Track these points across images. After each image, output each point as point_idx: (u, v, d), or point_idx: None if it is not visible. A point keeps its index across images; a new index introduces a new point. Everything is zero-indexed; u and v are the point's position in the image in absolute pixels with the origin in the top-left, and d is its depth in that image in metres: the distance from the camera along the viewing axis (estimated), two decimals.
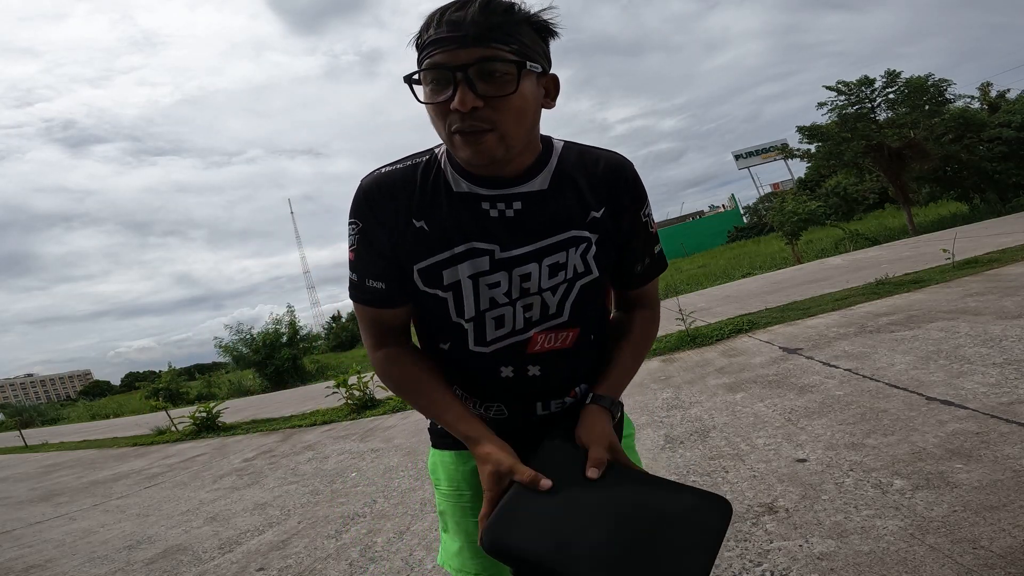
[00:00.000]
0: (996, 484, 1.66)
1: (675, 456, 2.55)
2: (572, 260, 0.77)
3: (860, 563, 1.46)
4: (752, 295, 7.86)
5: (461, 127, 0.65)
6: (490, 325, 0.76)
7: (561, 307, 0.78)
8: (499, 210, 0.74)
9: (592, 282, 0.79)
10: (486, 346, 0.77)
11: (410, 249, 0.74)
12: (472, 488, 0.84)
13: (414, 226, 0.74)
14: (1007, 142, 15.65)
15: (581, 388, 0.84)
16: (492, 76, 0.64)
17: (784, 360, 3.79)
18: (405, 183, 0.75)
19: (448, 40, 0.64)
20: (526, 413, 0.81)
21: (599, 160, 0.79)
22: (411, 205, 0.74)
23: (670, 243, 42.46)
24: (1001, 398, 2.27)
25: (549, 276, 0.76)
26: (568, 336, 0.79)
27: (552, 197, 0.76)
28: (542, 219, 0.75)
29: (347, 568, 2.25)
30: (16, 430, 14.54)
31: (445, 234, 0.73)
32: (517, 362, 0.78)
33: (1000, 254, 6.01)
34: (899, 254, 8.97)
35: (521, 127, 0.69)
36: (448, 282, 0.75)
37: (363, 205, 0.75)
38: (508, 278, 0.75)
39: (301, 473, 4.10)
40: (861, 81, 15.16)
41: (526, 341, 0.77)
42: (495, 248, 0.74)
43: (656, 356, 5.12)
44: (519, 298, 0.76)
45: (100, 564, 2.98)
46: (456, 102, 0.64)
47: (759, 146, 47.25)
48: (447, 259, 0.74)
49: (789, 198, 15.78)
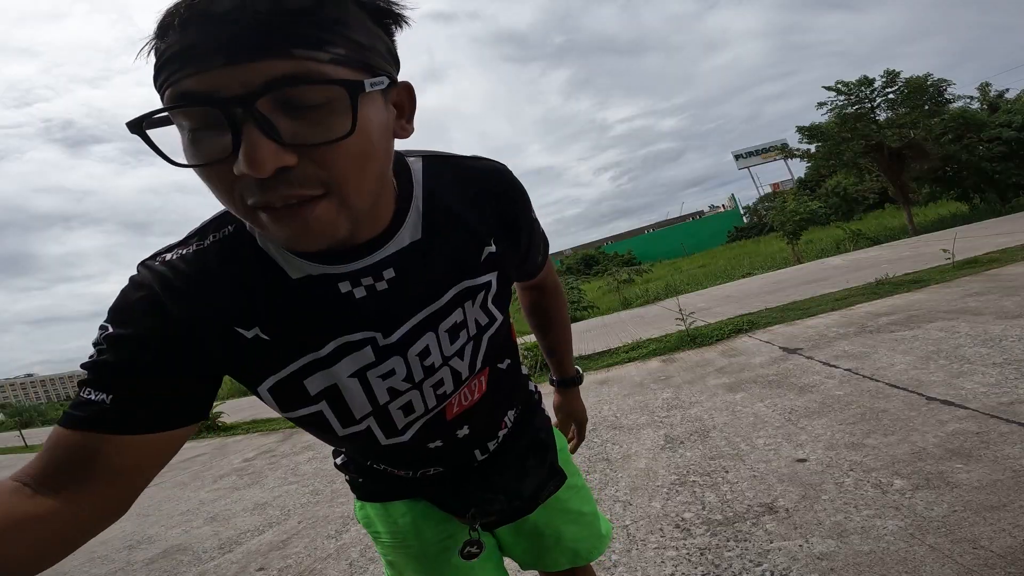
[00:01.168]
0: (996, 484, 1.66)
1: (675, 456, 2.55)
2: (471, 315, 0.61)
3: (860, 563, 1.46)
4: (752, 295, 7.86)
5: (265, 200, 0.40)
6: (398, 416, 0.61)
7: (473, 367, 0.64)
8: (366, 287, 0.53)
9: (498, 328, 0.66)
10: (401, 435, 0.63)
11: (243, 368, 0.53)
12: (418, 539, 0.76)
13: (242, 338, 0.51)
14: (1007, 142, 15.66)
15: (510, 416, 0.77)
16: (304, 108, 0.39)
17: (784, 360, 3.79)
18: (209, 278, 0.50)
19: (205, 49, 0.36)
20: (466, 464, 0.73)
21: (475, 178, 0.61)
22: (227, 309, 0.50)
23: (670, 243, 42.51)
24: (1001, 398, 2.27)
25: (451, 342, 0.60)
26: (480, 381, 0.68)
27: (431, 247, 0.56)
28: (427, 279, 0.56)
29: (347, 568, 2.25)
30: (16, 430, 14.54)
31: (297, 339, 0.52)
32: (443, 433, 0.66)
33: (1000, 254, 6.01)
34: (899, 254, 8.97)
35: (369, 179, 0.44)
36: (317, 391, 0.55)
37: (137, 314, 0.48)
38: (404, 362, 0.58)
39: (301, 473, 4.10)
40: (860, 81, 15.16)
41: (443, 411, 0.65)
42: (375, 335, 0.55)
43: (656, 356, 5.12)
44: (424, 379, 0.60)
45: (100, 564, 2.98)
46: (244, 164, 0.37)
47: (759, 146, 47.29)
48: (307, 365, 0.54)
49: (790, 198, 15.79)
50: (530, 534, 0.82)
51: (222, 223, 0.53)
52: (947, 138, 15.37)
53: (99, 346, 0.48)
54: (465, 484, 0.73)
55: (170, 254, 0.51)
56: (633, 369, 4.81)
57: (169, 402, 0.48)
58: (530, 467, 0.77)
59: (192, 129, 0.39)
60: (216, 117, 0.38)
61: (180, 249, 0.52)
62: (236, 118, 0.37)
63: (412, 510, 0.77)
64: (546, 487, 0.79)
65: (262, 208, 0.41)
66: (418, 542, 0.77)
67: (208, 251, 0.51)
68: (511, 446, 0.77)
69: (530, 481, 0.77)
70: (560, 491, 0.81)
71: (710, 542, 1.75)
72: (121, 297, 0.50)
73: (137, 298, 0.49)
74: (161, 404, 0.48)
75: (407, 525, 0.76)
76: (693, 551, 1.73)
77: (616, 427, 3.22)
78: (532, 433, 0.81)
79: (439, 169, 0.59)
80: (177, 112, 0.39)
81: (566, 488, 0.83)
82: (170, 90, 0.38)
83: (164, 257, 0.51)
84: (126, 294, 0.50)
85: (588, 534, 0.86)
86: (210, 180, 0.41)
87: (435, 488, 0.74)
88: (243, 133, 0.37)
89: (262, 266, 0.51)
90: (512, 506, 0.75)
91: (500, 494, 0.74)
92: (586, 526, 0.87)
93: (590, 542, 0.87)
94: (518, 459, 0.77)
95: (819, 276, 8.27)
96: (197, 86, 0.37)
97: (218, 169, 0.40)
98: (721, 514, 1.91)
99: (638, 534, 1.92)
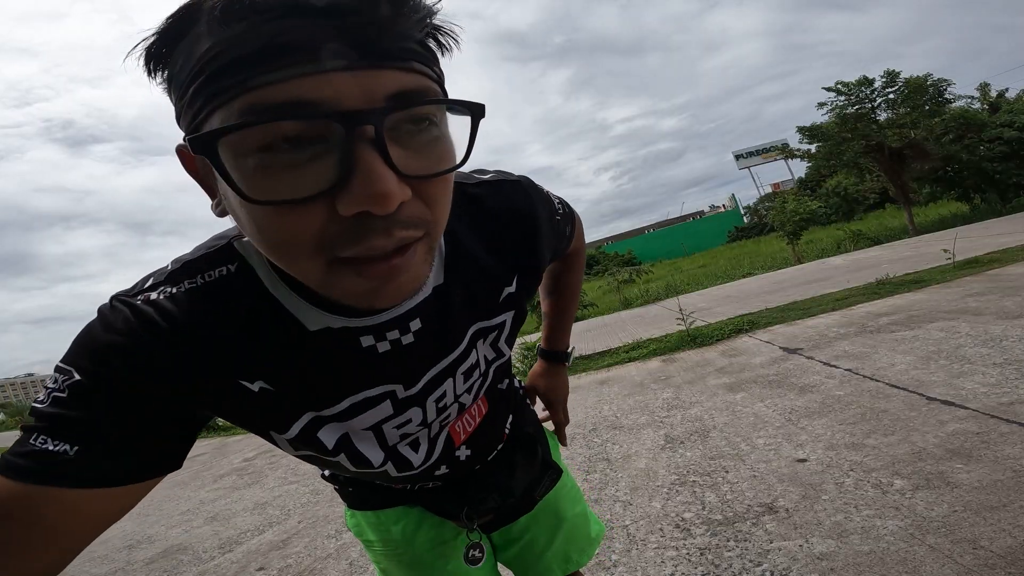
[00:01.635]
0: (996, 484, 1.66)
1: (675, 456, 2.55)
2: (482, 353, 0.58)
3: (860, 563, 1.46)
4: (752, 295, 7.85)
5: (373, 246, 0.32)
6: (407, 451, 0.59)
7: (476, 396, 0.62)
8: (391, 341, 0.47)
9: (507, 359, 0.65)
10: (413, 469, 0.60)
11: (247, 419, 0.47)
12: (411, 546, 0.74)
13: (247, 391, 0.44)
14: (1008, 142, 15.65)
15: (508, 424, 0.76)
16: (415, 132, 0.33)
17: (784, 360, 3.79)
18: (206, 325, 0.42)
19: (314, 46, 0.29)
20: (465, 476, 0.72)
21: (493, 215, 0.54)
22: (229, 361, 0.43)
23: (671, 243, 42.53)
24: (1001, 398, 2.27)
25: (464, 381, 0.58)
26: (480, 405, 0.66)
27: (451, 291, 0.51)
28: (448, 326, 0.52)
29: (347, 568, 2.25)
30: (16, 430, 14.56)
31: (310, 395, 0.47)
32: (448, 459, 0.65)
33: (1001, 254, 6.01)
34: (900, 254, 8.96)
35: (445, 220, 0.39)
36: (333, 443, 0.51)
37: (113, 361, 0.39)
38: (422, 411, 0.55)
39: (301, 473, 4.10)
40: (860, 81, 15.16)
41: (450, 440, 0.63)
42: (396, 388, 0.51)
43: (656, 356, 5.12)
44: (436, 418, 0.58)
45: (100, 564, 2.98)
46: (365, 198, 0.30)
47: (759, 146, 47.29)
48: (318, 419, 0.49)
49: (790, 198, 15.78)
50: (520, 538, 0.81)
51: (217, 261, 0.44)
52: (948, 138, 15.37)
53: (58, 393, 0.39)
54: (457, 486, 0.72)
55: (155, 292, 0.42)
56: (633, 369, 4.81)
57: (144, 453, 0.41)
58: (518, 462, 0.76)
59: (266, 152, 0.30)
60: (317, 137, 0.30)
61: (167, 287, 0.43)
62: (352, 140, 0.29)
63: (405, 517, 0.75)
64: (541, 482, 0.78)
65: (360, 259, 0.33)
66: (411, 549, 0.75)
67: (203, 292, 0.42)
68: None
69: (520, 477, 0.75)
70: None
71: (710, 542, 1.75)
72: (88, 337, 0.41)
73: (111, 341, 0.40)
74: (134, 456, 0.40)
75: (399, 532, 0.74)
76: (693, 551, 1.73)
77: (616, 427, 3.22)
78: (517, 430, 0.79)
79: (459, 206, 0.50)
80: (254, 129, 0.29)
81: (555, 487, 0.81)
82: (250, 96, 0.29)
83: (148, 296, 0.42)
84: (96, 335, 0.40)
85: (578, 536, 0.84)
86: (284, 223, 0.31)
87: (429, 495, 0.73)
88: (357, 159, 0.29)
89: (273, 315, 0.43)
90: (507, 504, 0.73)
91: (493, 492, 0.72)
92: (575, 528, 0.84)
93: (580, 545, 0.84)
94: (505, 455, 0.75)
95: (819, 276, 8.27)
96: (306, 92, 0.29)
97: (309, 209, 0.30)
98: (721, 514, 1.91)
99: (638, 534, 1.92)
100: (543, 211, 0.60)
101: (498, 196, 0.56)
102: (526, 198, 0.58)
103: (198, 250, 0.46)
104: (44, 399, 0.40)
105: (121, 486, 0.40)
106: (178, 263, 0.45)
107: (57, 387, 0.39)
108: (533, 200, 0.58)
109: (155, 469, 0.42)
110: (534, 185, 0.61)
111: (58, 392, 0.39)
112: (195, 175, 0.39)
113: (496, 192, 0.56)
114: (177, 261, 0.45)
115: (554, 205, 0.65)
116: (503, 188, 0.56)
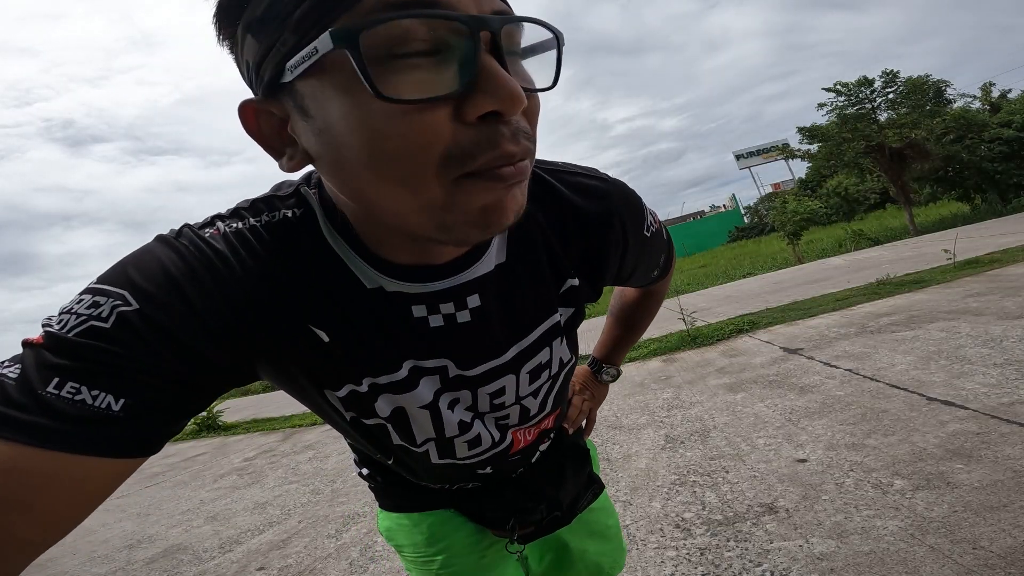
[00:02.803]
0: (996, 484, 1.66)
1: (675, 456, 2.55)
2: (556, 353, 0.54)
3: (860, 563, 1.46)
4: (753, 295, 7.85)
5: (507, 151, 0.31)
6: (461, 447, 0.55)
7: (544, 406, 0.59)
8: (445, 316, 0.45)
9: (573, 364, 0.61)
10: (455, 459, 0.56)
11: (310, 371, 0.44)
12: (443, 554, 0.71)
13: (318, 340, 0.42)
14: (1008, 142, 15.64)
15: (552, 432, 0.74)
16: (512, 53, 0.33)
17: (785, 360, 3.79)
18: (277, 263, 0.40)
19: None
20: (504, 479, 0.68)
21: (574, 209, 0.51)
22: (300, 304, 0.41)
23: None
24: (1002, 398, 2.27)
25: (530, 383, 0.54)
26: (549, 419, 0.64)
27: (516, 273, 0.48)
28: (513, 312, 0.48)
29: (347, 568, 2.25)
30: None
31: (362, 357, 0.44)
32: (497, 463, 0.61)
33: (1001, 254, 6.00)
34: (900, 254, 8.96)
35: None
36: (382, 415, 0.49)
37: (184, 286, 0.35)
38: (472, 396, 0.52)
39: (302, 473, 4.11)
40: (860, 82, 15.16)
41: (507, 448, 0.59)
42: (447, 364, 0.48)
43: (657, 356, 5.12)
44: (488, 412, 0.54)
45: (100, 563, 2.98)
46: (498, 98, 0.30)
47: (760, 146, 47.25)
48: (380, 384, 0.47)
49: (791, 198, 15.78)
50: (555, 548, 0.79)
51: (282, 203, 0.42)
52: (948, 138, 15.36)
53: (97, 323, 0.32)
54: (502, 494, 0.68)
55: (222, 225, 0.40)
56: (634, 369, 4.81)
57: (173, 411, 0.36)
58: (568, 475, 0.73)
59: (395, 52, 0.29)
60: (440, 42, 0.30)
61: (233, 221, 0.40)
62: (477, 43, 0.29)
63: (440, 523, 0.71)
64: (584, 496, 0.76)
65: (492, 167, 0.31)
66: (445, 557, 0.71)
67: (268, 231, 0.40)
68: (549, 454, 0.73)
69: (568, 489, 0.73)
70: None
71: (710, 542, 1.75)
72: (151, 258, 0.36)
73: (187, 266, 0.36)
74: (167, 415, 0.35)
75: (433, 540, 0.71)
76: (693, 551, 1.73)
77: (616, 427, 3.22)
78: (571, 440, 0.77)
79: (543, 189, 0.50)
80: (388, 26, 0.28)
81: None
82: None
83: (219, 227, 0.40)
84: (164, 258, 0.36)
85: (611, 548, 0.83)
86: (412, 128, 0.30)
87: (469, 500, 0.69)
88: (482, 63, 0.30)
89: (333, 268, 0.41)
90: (551, 515, 0.71)
91: (541, 503, 0.69)
92: (610, 540, 0.83)
93: (613, 557, 0.83)
94: (556, 466, 0.73)
95: (820, 276, 8.26)
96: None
97: (438, 113, 0.30)
98: (721, 514, 1.91)
99: (638, 534, 1.92)
100: (632, 222, 0.56)
101: (579, 181, 0.53)
102: (615, 207, 0.53)
103: (265, 194, 0.45)
104: (70, 325, 0.31)
105: (143, 457, 0.34)
106: (245, 202, 0.43)
107: (94, 314, 0.32)
108: (622, 210, 0.54)
109: (165, 438, 0.37)
110: (634, 195, 0.57)
111: (98, 321, 0.32)
112: (257, 135, 0.37)
113: (580, 178, 0.53)
114: (244, 201, 0.43)
115: (647, 220, 0.59)
116: (599, 187, 0.53)
